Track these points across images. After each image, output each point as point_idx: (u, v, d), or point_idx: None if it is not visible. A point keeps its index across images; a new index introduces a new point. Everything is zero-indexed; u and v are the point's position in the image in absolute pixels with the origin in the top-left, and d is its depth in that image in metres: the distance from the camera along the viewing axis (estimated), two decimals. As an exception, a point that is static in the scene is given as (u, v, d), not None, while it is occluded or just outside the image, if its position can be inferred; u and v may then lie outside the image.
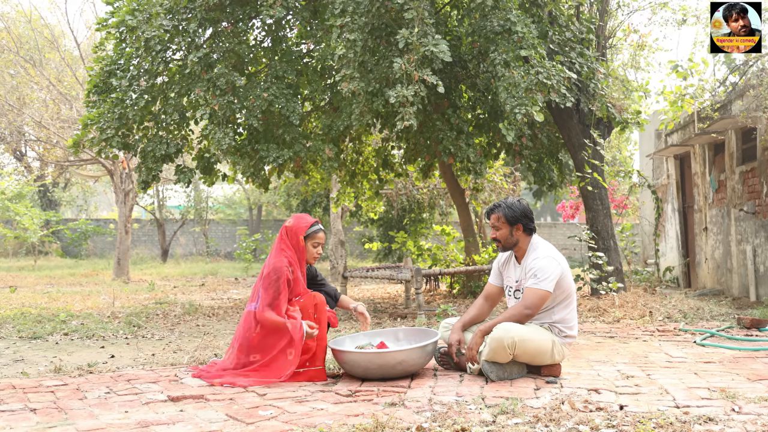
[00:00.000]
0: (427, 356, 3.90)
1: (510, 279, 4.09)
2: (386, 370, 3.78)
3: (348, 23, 6.50)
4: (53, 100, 16.31)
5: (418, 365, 3.87)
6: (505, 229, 4.00)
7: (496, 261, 4.24)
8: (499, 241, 4.04)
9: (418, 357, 3.84)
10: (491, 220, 4.06)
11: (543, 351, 3.80)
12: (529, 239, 4.02)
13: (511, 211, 3.98)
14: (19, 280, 13.50)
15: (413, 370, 3.87)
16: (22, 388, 3.72)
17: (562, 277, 3.90)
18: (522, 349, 3.73)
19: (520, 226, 3.99)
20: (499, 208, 4.03)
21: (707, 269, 9.81)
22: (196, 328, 6.51)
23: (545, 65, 6.56)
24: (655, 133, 11.88)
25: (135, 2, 7.38)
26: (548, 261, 3.87)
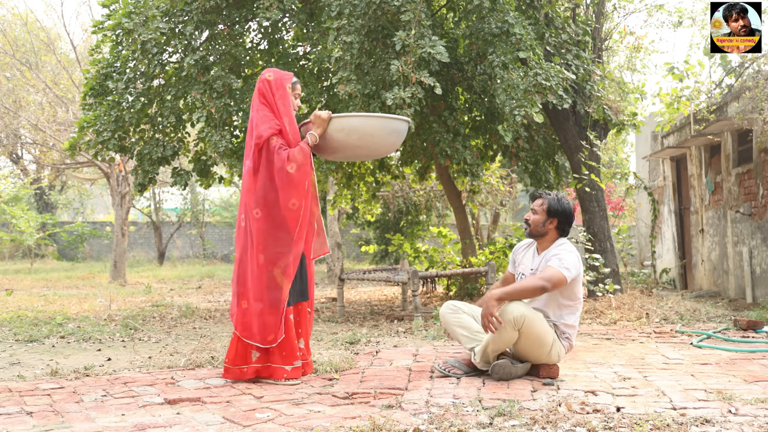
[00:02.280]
0: (402, 132, 4.16)
1: (525, 266, 4.10)
2: (383, 136, 4.01)
3: (344, 25, 6.50)
4: (49, 103, 16.28)
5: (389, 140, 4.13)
6: (542, 216, 4.02)
7: (514, 250, 4.28)
8: (529, 225, 4.05)
9: (404, 129, 4.14)
10: (535, 203, 4.08)
11: (545, 342, 3.79)
12: (557, 237, 4.04)
13: (557, 203, 4.01)
14: (15, 283, 13.47)
15: (393, 148, 4.23)
16: (18, 391, 3.71)
17: (576, 280, 3.91)
18: (528, 328, 3.71)
19: (556, 221, 4.02)
20: (548, 196, 4.06)
21: (704, 271, 9.83)
22: (192, 330, 6.50)
23: (543, 66, 6.57)
24: (651, 135, 11.91)
25: (131, 5, 7.38)
26: (574, 257, 3.90)
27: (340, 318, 7.32)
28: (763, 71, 7.42)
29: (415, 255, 11.58)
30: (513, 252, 4.28)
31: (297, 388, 3.75)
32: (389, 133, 4.09)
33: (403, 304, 8.07)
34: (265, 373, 3.92)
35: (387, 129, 4.08)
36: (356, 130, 4.01)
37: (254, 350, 3.91)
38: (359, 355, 4.76)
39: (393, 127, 4.11)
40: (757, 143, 7.81)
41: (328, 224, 14.31)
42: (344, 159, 4.37)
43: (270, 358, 3.92)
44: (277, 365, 3.91)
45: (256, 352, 3.91)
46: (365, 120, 4.09)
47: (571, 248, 3.97)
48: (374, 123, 4.09)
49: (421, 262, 11.00)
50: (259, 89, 4.07)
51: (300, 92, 4.21)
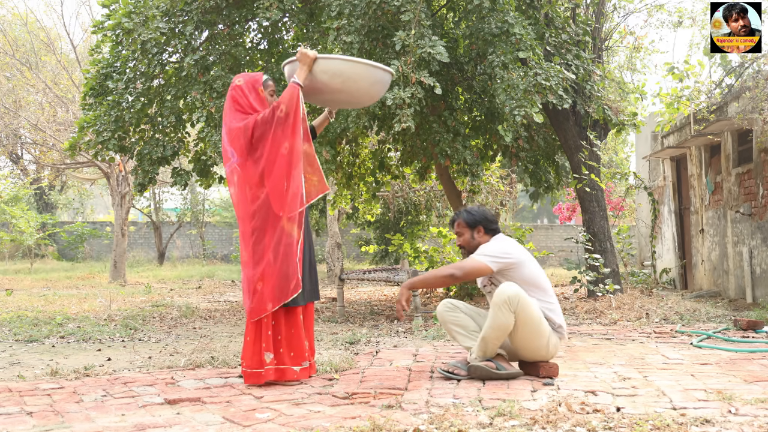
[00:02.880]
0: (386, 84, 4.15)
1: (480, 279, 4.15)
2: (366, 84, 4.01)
3: (344, 25, 6.50)
4: (49, 103, 16.29)
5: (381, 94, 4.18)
6: (467, 233, 4.10)
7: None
8: (464, 247, 4.12)
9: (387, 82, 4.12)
10: (455, 228, 4.16)
11: (542, 330, 3.79)
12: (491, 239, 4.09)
13: (470, 216, 4.10)
14: (15, 283, 13.47)
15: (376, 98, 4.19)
16: (18, 391, 3.71)
17: (521, 266, 3.90)
18: (523, 311, 3.73)
19: (481, 228, 4.08)
20: (459, 215, 4.15)
21: (704, 271, 9.83)
22: (192, 330, 6.50)
23: (543, 66, 6.57)
24: (651, 135, 11.91)
25: (131, 5, 7.38)
26: (496, 243, 3.97)
27: (340, 318, 7.32)
28: (763, 71, 7.42)
29: (415, 255, 11.58)
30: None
31: (297, 388, 3.75)
32: (373, 83, 4.05)
33: (403, 304, 8.06)
34: (276, 375, 3.84)
35: (371, 78, 4.04)
36: (340, 73, 3.97)
37: (266, 352, 3.82)
38: (359, 355, 4.76)
39: (377, 77, 4.08)
40: (757, 143, 7.81)
41: (328, 224, 14.31)
42: (324, 104, 4.29)
43: (281, 359, 3.86)
44: (287, 366, 3.86)
45: (269, 353, 3.82)
46: (351, 65, 4.02)
47: (499, 238, 4.04)
48: (359, 69, 4.02)
49: (421, 262, 11.00)
50: (231, 97, 4.01)
51: (273, 88, 4.14)
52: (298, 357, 3.89)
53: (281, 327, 3.90)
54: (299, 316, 3.94)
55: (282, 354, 3.86)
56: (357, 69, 4.01)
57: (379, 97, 4.27)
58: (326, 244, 14.76)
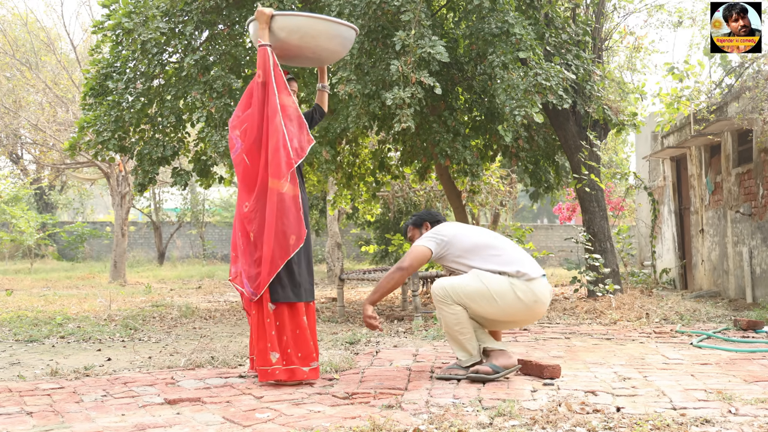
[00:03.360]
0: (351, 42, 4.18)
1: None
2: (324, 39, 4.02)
3: (344, 26, 6.50)
4: (49, 103, 16.29)
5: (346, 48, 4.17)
6: (416, 234, 4.28)
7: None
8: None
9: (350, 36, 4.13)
10: (408, 235, 4.35)
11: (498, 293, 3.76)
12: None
13: (415, 217, 4.32)
14: (15, 283, 13.47)
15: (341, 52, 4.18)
16: (18, 391, 3.71)
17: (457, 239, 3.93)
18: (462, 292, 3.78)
19: (427, 224, 4.26)
20: (406, 223, 4.37)
21: (704, 271, 9.83)
22: (192, 330, 6.50)
23: (543, 66, 6.57)
24: (651, 135, 11.91)
25: (131, 5, 7.37)
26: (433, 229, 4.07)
27: (340, 318, 7.32)
28: (763, 71, 7.42)
29: (415, 255, 11.56)
30: None
31: (297, 388, 3.75)
32: (332, 37, 4.04)
33: (403, 304, 8.07)
34: (286, 375, 3.82)
35: (329, 32, 4.03)
36: (297, 29, 3.98)
37: (272, 351, 3.81)
38: (359, 355, 4.76)
39: (336, 31, 4.06)
40: (757, 143, 7.81)
41: (328, 224, 14.32)
42: (289, 62, 4.27)
43: (289, 359, 3.83)
44: (296, 366, 3.83)
45: (274, 353, 3.81)
46: (306, 20, 4.02)
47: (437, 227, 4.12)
48: (316, 24, 4.03)
49: (421, 262, 10.99)
50: (248, 88, 4.09)
51: (296, 89, 4.20)
52: (306, 357, 3.87)
53: (286, 327, 3.88)
54: (302, 315, 3.93)
55: (290, 354, 3.84)
56: (313, 23, 4.02)
57: (343, 52, 4.23)
58: (326, 244, 14.77)
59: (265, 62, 3.95)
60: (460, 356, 3.89)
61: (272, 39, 4.03)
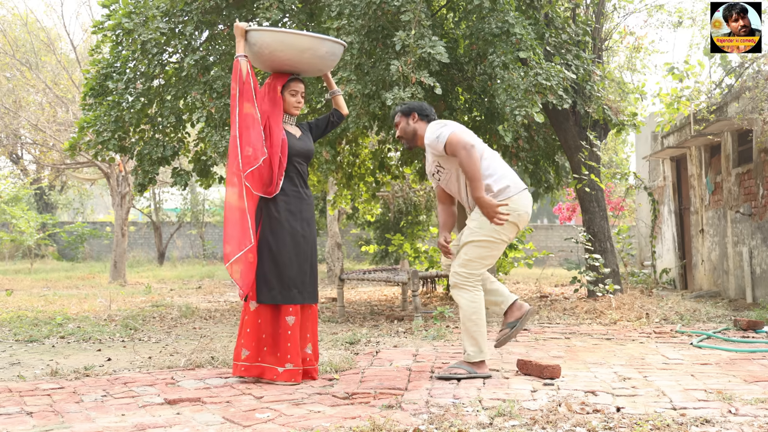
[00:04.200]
0: (333, 55, 4.15)
1: (428, 164, 4.24)
2: (294, 52, 4.01)
3: (345, 26, 6.50)
4: (49, 103, 16.28)
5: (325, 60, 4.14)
6: (402, 121, 4.25)
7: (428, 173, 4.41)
8: (402, 137, 4.26)
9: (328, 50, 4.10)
10: (395, 122, 4.30)
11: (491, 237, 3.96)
12: (426, 125, 4.20)
13: (404, 105, 4.28)
14: (15, 283, 13.47)
15: (319, 64, 4.14)
16: (18, 391, 3.71)
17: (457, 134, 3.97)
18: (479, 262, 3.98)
19: (415, 114, 4.23)
20: (395, 109, 4.32)
21: (704, 271, 9.83)
22: (192, 330, 6.50)
23: (543, 66, 6.57)
24: (651, 135, 11.91)
25: (131, 5, 7.37)
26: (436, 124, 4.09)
27: (340, 318, 7.32)
28: (763, 71, 7.42)
29: (415, 255, 11.59)
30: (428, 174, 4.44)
31: (297, 389, 3.75)
32: (301, 51, 4.04)
33: (403, 304, 8.07)
34: (254, 371, 3.92)
35: (298, 46, 4.03)
36: (267, 45, 4.01)
37: (243, 348, 3.93)
38: (359, 356, 4.76)
39: (305, 45, 4.05)
40: (757, 143, 7.81)
41: (328, 224, 14.31)
42: (269, 70, 4.28)
43: (263, 357, 3.92)
44: (268, 365, 3.90)
45: (245, 350, 3.92)
46: (271, 35, 4.04)
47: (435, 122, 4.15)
48: (283, 38, 4.03)
49: (421, 263, 11.01)
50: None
51: (300, 89, 4.22)
52: (282, 359, 3.89)
53: (267, 325, 3.94)
54: (284, 316, 3.92)
55: (265, 353, 3.92)
56: (279, 38, 4.03)
57: (322, 63, 4.20)
58: (326, 244, 14.76)
59: (234, 74, 4.03)
60: (471, 351, 3.90)
61: (249, 52, 4.09)
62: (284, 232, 3.99)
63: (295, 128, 4.25)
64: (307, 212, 4.13)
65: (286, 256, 3.97)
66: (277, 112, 4.11)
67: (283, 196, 4.04)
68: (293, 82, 4.18)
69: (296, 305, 3.97)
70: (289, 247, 3.99)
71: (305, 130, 4.31)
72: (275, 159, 4.01)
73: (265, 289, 3.93)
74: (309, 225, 4.13)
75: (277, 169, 4.01)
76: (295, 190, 4.08)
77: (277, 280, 3.94)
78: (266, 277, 3.93)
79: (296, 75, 4.21)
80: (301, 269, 4.02)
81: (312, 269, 4.09)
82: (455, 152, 3.92)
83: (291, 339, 3.91)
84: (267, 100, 4.12)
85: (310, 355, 4.02)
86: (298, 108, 4.20)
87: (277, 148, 4.02)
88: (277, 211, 4.01)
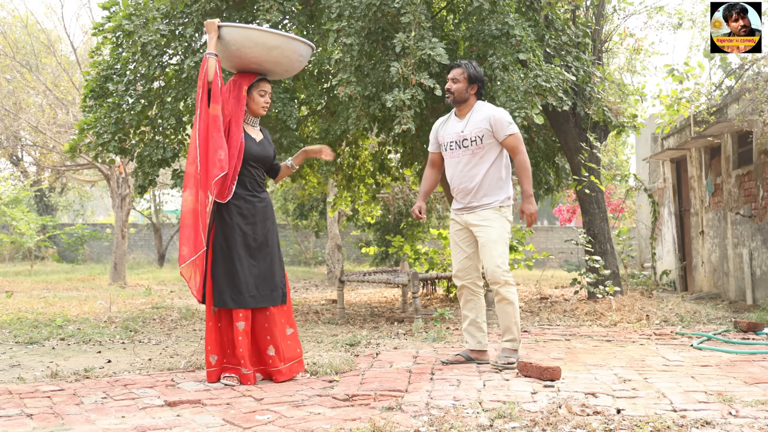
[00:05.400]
0: (301, 56, 4.16)
1: (450, 134, 4.38)
2: (262, 50, 4.01)
3: (344, 27, 6.50)
4: (50, 105, 16.29)
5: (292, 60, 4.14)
6: (463, 83, 4.35)
7: (433, 130, 4.56)
8: (452, 93, 4.36)
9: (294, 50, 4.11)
10: (453, 73, 4.38)
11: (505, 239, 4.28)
12: (476, 101, 4.40)
13: (475, 71, 4.37)
14: (15, 285, 13.46)
15: (286, 64, 4.14)
16: (18, 393, 3.71)
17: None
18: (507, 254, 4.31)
19: (476, 86, 4.37)
20: (464, 64, 4.38)
21: (704, 273, 9.83)
22: (192, 332, 6.50)
23: (543, 68, 6.57)
24: (651, 137, 11.91)
25: (132, 7, 7.38)
26: (502, 111, 4.34)
27: (340, 320, 7.32)
28: (762, 73, 7.43)
29: (416, 257, 11.57)
30: (432, 132, 4.57)
31: (297, 390, 3.75)
32: (270, 48, 4.03)
33: (404, 306, 8.07)
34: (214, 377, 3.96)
35: (267, 44, 4.02)
36: (234, 41, 4.02)
37: (211, 354, 3.97)
38: (359, 357, 4.76)
39: (273, 43, 4.04)
40: (757, 145, 7.81)
41: (329, 226, 14.31)
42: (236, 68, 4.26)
43: (228, 359, 3.98)
44: (232, 366, 3.96)
45: (213, 355, 3.97)
46: (240, 31, 4.05)
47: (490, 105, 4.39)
48: (251, 35, 4.03)
49: (421, 264, 11.00)
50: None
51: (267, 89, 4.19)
52: (237, 362, 3.93)
53: (227, 329, 3.99)
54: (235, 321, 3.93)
55: (229, 354, 3.99)
56: (246, 34, 4.04)
57: (289, 65, 4.18)
58: (326, 246, 14.76)
59: (201, 70, 4.01)
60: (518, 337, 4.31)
61: (218, 48, 4.07)
62: (235, 235, 3.98)
63: (256, 131, 4.19)
64: (261, 215, 4.08)
65: (236, 260, 3.96)
66: (240, 113, 4.06)
67: (235, 201, 4.01)
68: (262, 82, 4.14)
69: (246, 310, 3.95)
70: (240, 252, 3.97)
71: (267, 135, 4.26)
72: (231, 162, 3.96)
73: (218, 294, 3.95)
74: (264, 228, 4.08)
75: (232, 173, 3.97)
76: (248, 193, 4.06)
77: (228, 285, 3.94)
78: (218, 281, 3.95)
79: (263, 75, 4.17)
80: (252, 273, 3.99)
81: (269, 272, 4.05)
82: (516, 147, 4.26)
83: (242, 344, 3.91)
84: (231, 99, 4.06)
85: (272, 356, 4.00)
86: (265, 108, 4.16)
87: (235, 150, 3.98)
88: (229, 216, 3.99)
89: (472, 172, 4.29)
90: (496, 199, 4.31)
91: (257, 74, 4.15)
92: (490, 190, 4.30)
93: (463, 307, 4.46)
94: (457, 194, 4.40)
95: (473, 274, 4.41)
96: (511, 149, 4.29)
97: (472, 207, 4.33)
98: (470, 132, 4.29)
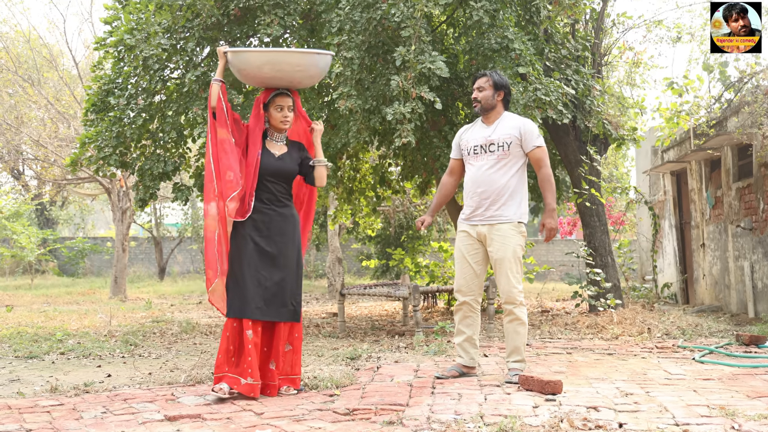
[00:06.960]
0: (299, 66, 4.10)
1: (476, 138, 4.38)
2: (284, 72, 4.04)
3: (345, 41, 6.53)
4: (51, 119, 16.34)
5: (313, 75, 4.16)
6: (489, 90, 4.37)
7: (456, 137, 4.56)
8: (479, 102, 4.38)
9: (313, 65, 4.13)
10: (478, 82, 4.41)
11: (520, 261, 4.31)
12: (503, 110, 4.41)
13: (500, 78, 4.39)
14: (15, 299, 13.45)
15: (307, 81, 4.19)
16: (17, 408, 3.70)
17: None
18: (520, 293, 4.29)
19: (502, 93, 4.39)
20: (489, 73, 4.42)
21: (705, 285, 9.81)
22: (193, 346, 6.48)
23: (543, 81, 6.60)
24: (651, 150, 11.93)
25: (133, 21, 7.42)
26: (531, 123, 4.36)
27: (340, 333, 7.30)
28: (761, 86, 7.45)
29: (416, 270, 11.56)
30: (455, 139, 4.56)
31: (298, 404, 3.73)
32: (276, 71, 4.05)
33: (404, 319, 8.05)
34: (230, 382, 3.93)
35: (274, 67, 4.04)
36: (244, 66, 4.08)
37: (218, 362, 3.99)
38: (360, 371, 4.75)
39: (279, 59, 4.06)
40: (757, 158, 7.82)
41: (329, 239, 14.31)
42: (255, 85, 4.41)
43: (230, 367, 3.96)
44: (232, 375, 3.93)
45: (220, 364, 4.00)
46: (246, 56, 4.10)
47: (518, 117, 4.43)
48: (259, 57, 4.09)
49: (422, 277, 10.99)
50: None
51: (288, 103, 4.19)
52: (244, 372, 3.90)
53: (235, 338, 3.98)
54: (245, 330, 3.93)
55: (232, 363, 3.97)
56: (253, 58, 4.09)
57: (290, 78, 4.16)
58: (327, 259, 14.75)
59: (209, 98, 4.09)
60: (523, 364, 4.31)
61: (234, 71, 4.15)
62: (248, 248, 4.00)
63: (280, 146, 4.19)
64: (277, 228, 4.07)
65: (246, 271, 3.97)
66: (258, 130, 4.13)
67: (252, 214, 4.04)
68: (278, 97, 4.14)
69: (256, 321, 3.96)
70: (252, 264, 3.98)
71: (295, 150, 4.24)
72: (248, 179, 4.01)
73: (229, 304, 3.98)
74: (281, 242, 4.07)
75: (249, 190, 4.02)
76: (264, 206, 4.07)
77: (238, 295, 3.96)
78: (231, 291, 3.99)
79: (281, 89, 4.17)
80: (262, 286, 3.98)
81: (280, 286, 4.03)
82: (542, 159, 4.30)
83: (251, 353, 3.90)
84: (252, 117, 4.17)
85: (273, 371, 4.02)
86: (285, 123, 4.14)
87: (251, 168, 4.03)
88: (243, 227, 4.04)
89: (494, 176, 4.25)
90: (514, 214, 4.27)
91: (275, 89, 4.16)
92: (509, 201, 4.26)
93: (460, 322, 4.41)
94: (474, 200, 4.29)
95: (476, 292, 4.38)
96: (536, 161, 4.31)
97: (490, 219, 4.27)
98: (499, 137, 4.28)
